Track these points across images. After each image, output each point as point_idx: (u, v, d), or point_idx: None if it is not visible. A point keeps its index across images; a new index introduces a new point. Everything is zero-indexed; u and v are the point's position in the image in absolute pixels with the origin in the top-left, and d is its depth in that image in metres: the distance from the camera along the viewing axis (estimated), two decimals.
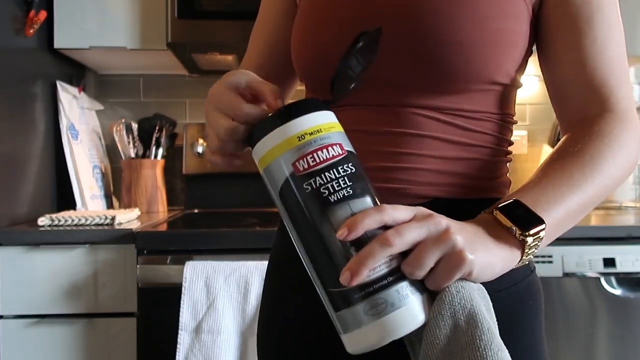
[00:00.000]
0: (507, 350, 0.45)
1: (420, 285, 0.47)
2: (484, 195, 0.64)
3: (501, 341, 0.45)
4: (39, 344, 1.39)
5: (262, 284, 1.33)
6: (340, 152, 0.48)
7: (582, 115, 0.62)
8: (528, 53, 0.65)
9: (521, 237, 0.50)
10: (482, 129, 0.63)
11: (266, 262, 1.31)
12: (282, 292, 0.70)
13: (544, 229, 0.51)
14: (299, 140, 0.47)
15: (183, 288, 1.31)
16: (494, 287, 0.52)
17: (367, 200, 0.47)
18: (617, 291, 1.45)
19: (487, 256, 0.48)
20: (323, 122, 0.48)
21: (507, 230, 0.50)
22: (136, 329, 1.39)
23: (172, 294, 1.33)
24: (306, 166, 0.47)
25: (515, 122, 0.69)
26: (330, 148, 0.47)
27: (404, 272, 0.46)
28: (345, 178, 0.47)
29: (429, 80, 0.60)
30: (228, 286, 1.32)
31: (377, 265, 0.45)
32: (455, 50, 0.58)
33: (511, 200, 0.53)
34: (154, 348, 1.36)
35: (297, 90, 0.53)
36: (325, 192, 0.46)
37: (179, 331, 1.30)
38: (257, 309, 1.32)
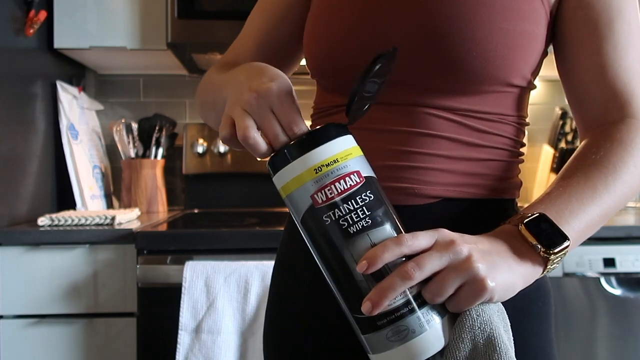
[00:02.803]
0: None
1: (441, 308, 0.48)
2: (495, 196, 0.63)
3: None
4: (39, 344, 1.39)
5: (262, 284, 1.33)
6: (358, 181, 0.48)
7: (601, 120, 0.62)
8: (544, 55, 0.64)
9: (545, 255, 0.50)
10: (495, 130, 0.62)
11: (266, 262, 1.31)
12: (287, 290, 0.70)
13: (568, 246, 0.51)
14: (316, 172, 0.47)
15: (183, 288, 1.31)
16: None
17: (387, 228, 0.48)
18: (617, 291, 1.45)
19: (508, 278, 0.48)
20: (339, 151, 0.48)
21: (531, 247, 0.50)
22: (136, 329, 1.39)
23: (172, 294, 1.33)
24: (324, 199, 0.47)
25: (528, 124, 0.68)
26: (347, 178, 0.48)
27: (425, 298, 0.47)
28: (364, 208, 0.47)
29: (444, 80, 0.60)
30: (228, 286, 1.32)
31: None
32: (472, 51, 0.57)
33: (536, 214, 0.52)
34: (154, 348, 1.36)
35: (306, 91, 0.52)
36: (344, 224, 0.47)
37: (179, 331, 1.30)
38: (257, 309, 1.32)
